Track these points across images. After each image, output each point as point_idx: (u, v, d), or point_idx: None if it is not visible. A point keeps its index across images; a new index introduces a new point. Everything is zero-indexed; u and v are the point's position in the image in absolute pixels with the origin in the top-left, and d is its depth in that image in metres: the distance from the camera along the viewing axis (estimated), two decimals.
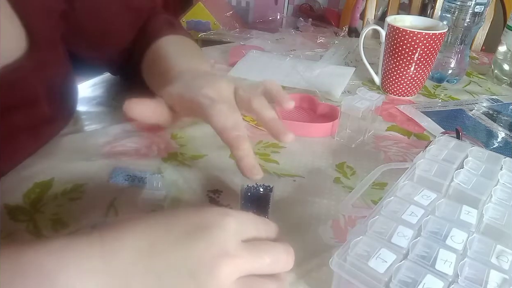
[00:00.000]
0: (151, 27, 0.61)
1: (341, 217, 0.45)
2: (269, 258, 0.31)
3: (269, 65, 0.84)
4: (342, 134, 0.60)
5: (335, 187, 0.50)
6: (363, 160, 0.56)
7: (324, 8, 2.14)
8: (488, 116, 0.71)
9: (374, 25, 0.75)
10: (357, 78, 0.83)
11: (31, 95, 0.48)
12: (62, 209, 0.43)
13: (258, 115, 0.44)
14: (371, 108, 0.59)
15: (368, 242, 0.33)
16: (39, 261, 0.27)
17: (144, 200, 0.45)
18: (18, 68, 0.45)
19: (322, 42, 1.01)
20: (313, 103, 0.68)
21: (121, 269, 0.28)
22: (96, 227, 0.40)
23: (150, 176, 0.47)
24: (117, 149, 0.53)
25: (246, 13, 2.18)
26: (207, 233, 0.30)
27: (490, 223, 0.37)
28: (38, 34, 0.48)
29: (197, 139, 0.57)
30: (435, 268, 0.31)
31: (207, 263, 0.29)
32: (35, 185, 0.46)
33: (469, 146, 0.48)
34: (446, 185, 0.42)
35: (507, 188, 0.41)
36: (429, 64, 0.73)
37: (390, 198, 0.38)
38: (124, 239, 0.30)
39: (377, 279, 0.31)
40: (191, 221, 0.31)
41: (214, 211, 0.32)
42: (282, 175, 0.51)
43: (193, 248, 0.29)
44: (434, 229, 0.35)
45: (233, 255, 0.30)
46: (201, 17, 1.88)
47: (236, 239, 0.31)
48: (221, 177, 0.50)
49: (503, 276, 0.31)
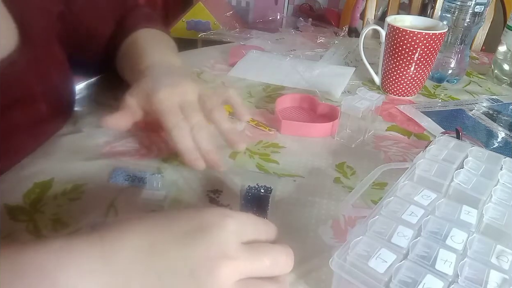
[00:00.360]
0: (129, 21, 0.62)
1: (341, 217, 0.45)
2: (268, 260, 0.31)
3: (269, 65, 0.84)
4: (342, 134, 0.60)
5: (335, 187, 0.50)
6: (363, 160, 0.56)
7: (324, 8, 2.14)
8: (488, 116, 0.71)
9: (374, 25, 0.75)
10: (357, 78, 0.83)
11: (27, 92, 0.48)
12: (62, 209, 0.43)
13: (217, 125, 0.50)
14: (371, 108, 0.59)
15: (368, 242, 0.33)
16: (39, 261, 0.27)
17: (144, 200, 0.45)
18: (12, 64, 0.45)
19: (322, 42, 1.01)
20: (313, 103, 0.68)
21: (121, 269, 0.28)
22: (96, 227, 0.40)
23: (150, 176, 0.47)
24: (117, 149, 0.53)
25: (246, 13, 2.18)
26: (207, 233, 0.30)
27: (490, 223, 0.37)
28: (31, 31, 0.48)
29: None
30: (435, 268, 0.31)
31: (207, 264, 0.29)
32: (35, 185, 0.46)
33: (469, 146, 0.48)
34: (446, 185, 0.42)
35: (507, 188, 0.41)
36: (429, 64, 0.73)
37: (390, 198, 0.38)
38: (124, 239, 0.30)
39: (377, 279, 0.31)
40: (191, 221, 0.31)
41: (214, 211, 0.32)
42: (282, 175, 0.51)
43: (193, 249, 0.29)
44: (434, 229, 0.35)
45: (233, 256, 0.30)
46: (201, 17, 1.88)
47: (236, 240, 0.31)
48: (221, 177, 0.50)
49: (503, 276, 0.31)
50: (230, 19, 1.91)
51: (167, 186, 0.47)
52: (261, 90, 0.74)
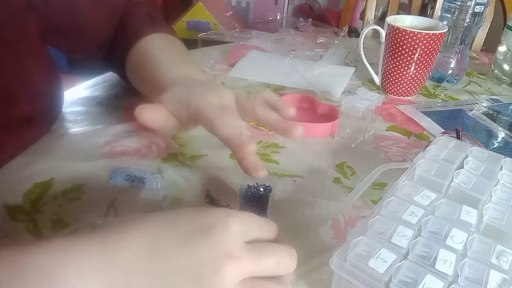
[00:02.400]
0: (132, 23, 0.60)
1: (341, 217, 0.45)
2: (272, 260, 0.31)
3: (269, 65, 0.84)
4: (342, 134, 0.60)
5: (335, 187, 0.50)
6: (363, 160, 0.56)
7: (324, 8, 2.14)
8: (488, 116, 0.71)
9: (374, 25, 0.75)
10: (357, 78, 0.83)
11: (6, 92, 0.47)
12: (62, 209, 0.43)
13: (264, 120, 0.46)
14: (371, 108, 0.59)
15: (368, 242, 0.33)
16: (38, 262, 0.27)
17: (143, 201, 0.45)
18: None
19: (322, 42, 1.01)
20: (313, 103, 0.68)
21: (123, 270, 0.28)
22: (96, 227, 0.40)
23: (150, 176, 0.47)
24: (117, 149, 0.53)
25: (246, 13, 2.18)
26: (211, 234, 0.30)
27: (490, 223, 0.37)
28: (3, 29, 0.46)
29: (197, 139, 0.57)
30: (435, 268, 0.31)
31: (210, 265, 0.29)
32: (35, 185, 0.46)
33: (469, 146, 0.48)
34: (446, 185, 0.42)
35: (507, 188, 0.41)
36: (429, 64, 0.73)
37: (390, 198, 0.38)
38: (126, 239, 0.29)
39: (377, 279, 0.31)
40: (194, 221, 0.31)
41: (217, 211, 0.32)
42: (282, 175, 0.51)
43: (197, 249, 0.29)
44: (434, 229, 0.35)
45: (237, 257, 0.29)
46: (201, 17, 1.88)
47: (240, 240, 0.30)
48: (221, 177, 0.50)
49: (503, 276, 0.31)
50: (230, 19, 1.91)
51: (167, 186, 0.47)
52: (261, 90, 0.74)
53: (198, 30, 1.80)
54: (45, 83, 0.54)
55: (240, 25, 1.72)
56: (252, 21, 2.15)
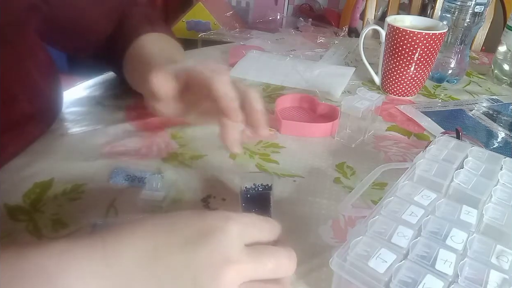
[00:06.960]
0: (130, 23, 0.60)
1: (341, 217, 0.45)
2: (271, 263, 0.31)
3: (269, 65, 0.84)
4: (342, 134, 0.60)
5: (335, 187, 0.50)
6: (363, 160, 0.56)
7: (324, 8, 2.14)
8: (488, 116, 0.71)
9: (374, 25, 0.75)
10: (357, 78, 0.83)
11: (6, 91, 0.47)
12: (62, 209, 0.43)
13: (250, 104, 0.44)
14: (371, 108, 0.59)
15: (368, 242, 0.33)
16: (39, 265, 0.27)
17: (143, 201, 0.45)
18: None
19: (322, 42, 1.01)
20: (313, 103, 0.68)
21: (123, 273, 0.28)
22: (96, 227, 0.40)
23: (149, 176, 0.47)
24: (117, 149, 0.53)
25: (246, 13, 2.18)
26: (210, 238, 0.30)
27: (490, 223, 0.37)
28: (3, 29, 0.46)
29: (197, 139, 0.57)
30: (435, 268, 0.31)
31: (210, 269, 0.29)
32: (35, 185, 0.46)
33: (469, 146, 0.48)
34: (446, 185, 0.42)
35: (507, 188, 0.41)
36: (429, 64, 0.73)
37: (390, 198, 0.38)
38: (126, 242, 0.29)
39: (377, 279, 0.31)
40: (194, 225, 0.31)
41: (217, 215, 0.32)
42: (282, 175, 0.51)
43: (196, 254, 0.29)
44: (434, 229, 0.35)
45: (236, 261, 0.29)
46: (201, 17, 1.88)
47: (239, 244, 0.30)
48: (221, 177, 0.50)
49: (503, 276, 0.31)
50: (230, 19, 1.91)
51: (166, 186, 0.47)
52: (261, 90, 0.74)
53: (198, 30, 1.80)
54: (44, 82, 0.54)
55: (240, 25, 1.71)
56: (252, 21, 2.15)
